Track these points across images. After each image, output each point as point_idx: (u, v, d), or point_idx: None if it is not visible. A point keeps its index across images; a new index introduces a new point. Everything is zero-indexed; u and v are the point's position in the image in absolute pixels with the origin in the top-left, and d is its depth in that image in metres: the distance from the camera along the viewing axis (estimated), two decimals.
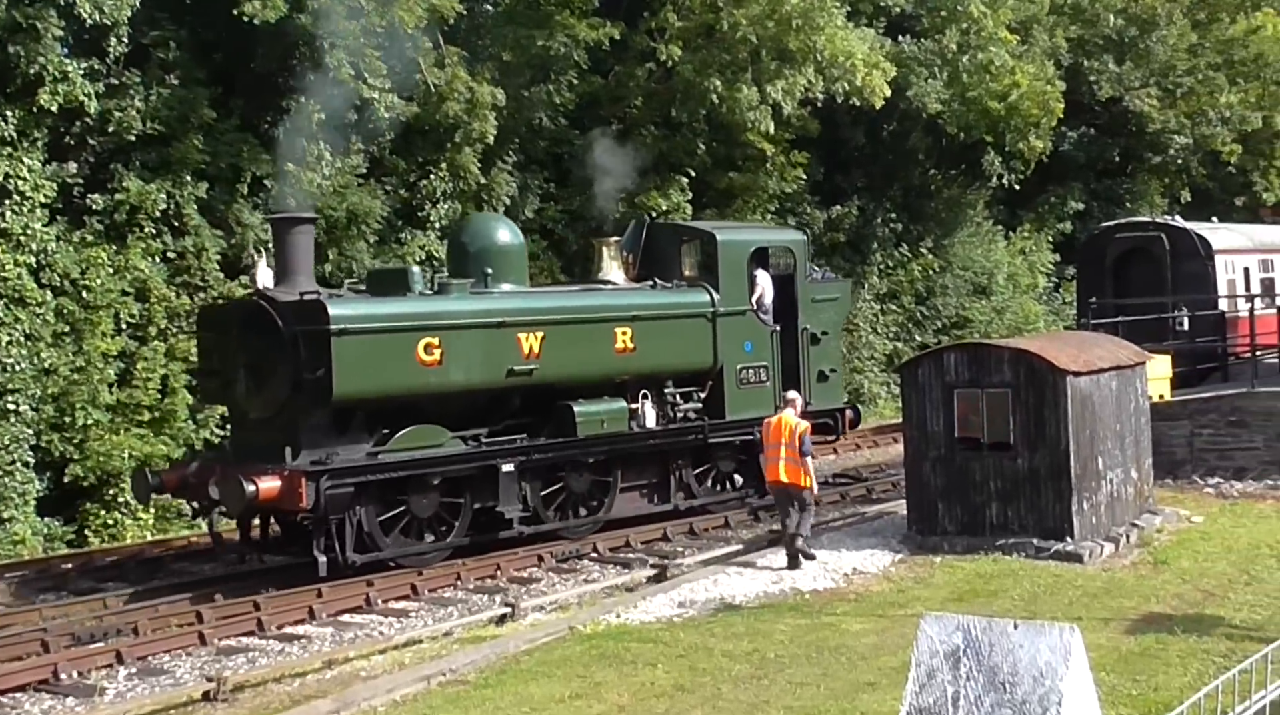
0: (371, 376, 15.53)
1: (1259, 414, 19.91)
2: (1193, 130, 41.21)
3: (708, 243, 19.51)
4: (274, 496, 14.91)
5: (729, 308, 19.15)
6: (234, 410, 17.19)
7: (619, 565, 16.80)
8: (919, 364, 16.14)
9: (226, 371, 16.40)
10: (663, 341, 18.44)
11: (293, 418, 15.51)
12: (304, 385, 15.35)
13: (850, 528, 17.50)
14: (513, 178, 25.73)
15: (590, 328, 17.71)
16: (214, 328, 16.87)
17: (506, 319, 16.82)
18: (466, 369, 16.36)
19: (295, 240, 16.38)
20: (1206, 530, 16.55)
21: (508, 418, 17.29)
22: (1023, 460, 15.34)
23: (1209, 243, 25.64)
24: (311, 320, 15.35)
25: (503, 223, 18.93)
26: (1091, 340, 17.71)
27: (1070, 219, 39.97)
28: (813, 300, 20.45)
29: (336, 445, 15.64)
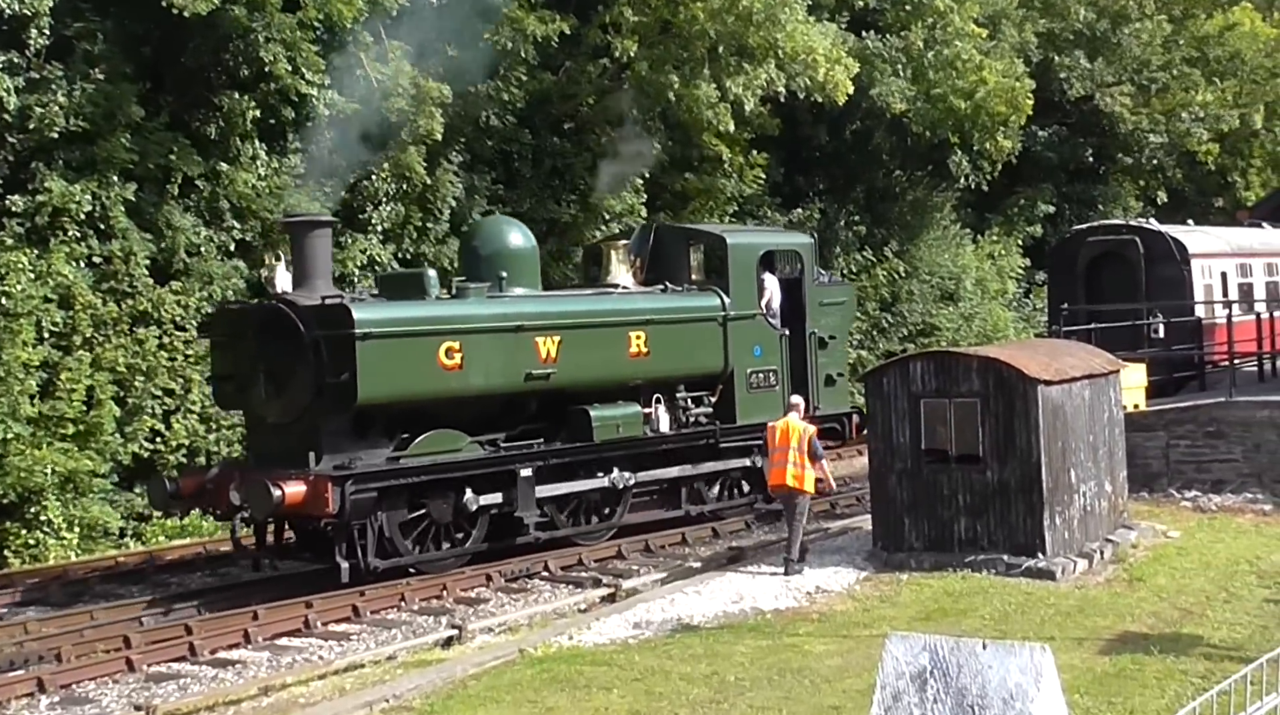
0: (395, 381, 16.18)
1: (1237, 425, 20.11)
2: (1168, 129, 41.64)
3: (718, 246, 20.27)
4: (299, 502, 15.43)
5: (739, 311, 19.96)
6: (251, 416, 17.64)
7: (571, 585, 16.78)
8: (884, 373, 16.21)
9: (243, 376, 16.91)
10: (676, 346, 19.21)
11: (314, 423, 16.13)
12: (326, 390, 15.96)
13: (813, 544, 17.55)
14: (459, 178, 25.70)
15: (606, 332, 18.46)
16: (228, 332, 17.43)
17: (525, 323, 17.52)
18: (486, 373, 17.07)
19: (313, 243, 17.03)
20: (1184, 546, 16.69)
21: (523, 423, 17.96)
22: (992, 473, 15.43)
23: (1185, 246, 25.91)
24: (335, 324, 15.95)
25: (515, 226, 19.44)
26: (1063, 348, 17.84)
27: (1041, 222, 40.29)
28: (820, 304, 21.31)
29: (357, 450, 16.24)
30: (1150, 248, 25.72)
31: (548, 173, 27.79)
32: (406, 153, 24.43)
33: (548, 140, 27.79)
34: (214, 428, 21.69)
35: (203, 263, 22.24)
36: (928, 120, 33.53)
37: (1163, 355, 23.90)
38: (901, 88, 32.73)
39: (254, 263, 23.01)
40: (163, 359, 21.30)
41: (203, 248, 22.23)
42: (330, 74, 23.33)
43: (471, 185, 26.13)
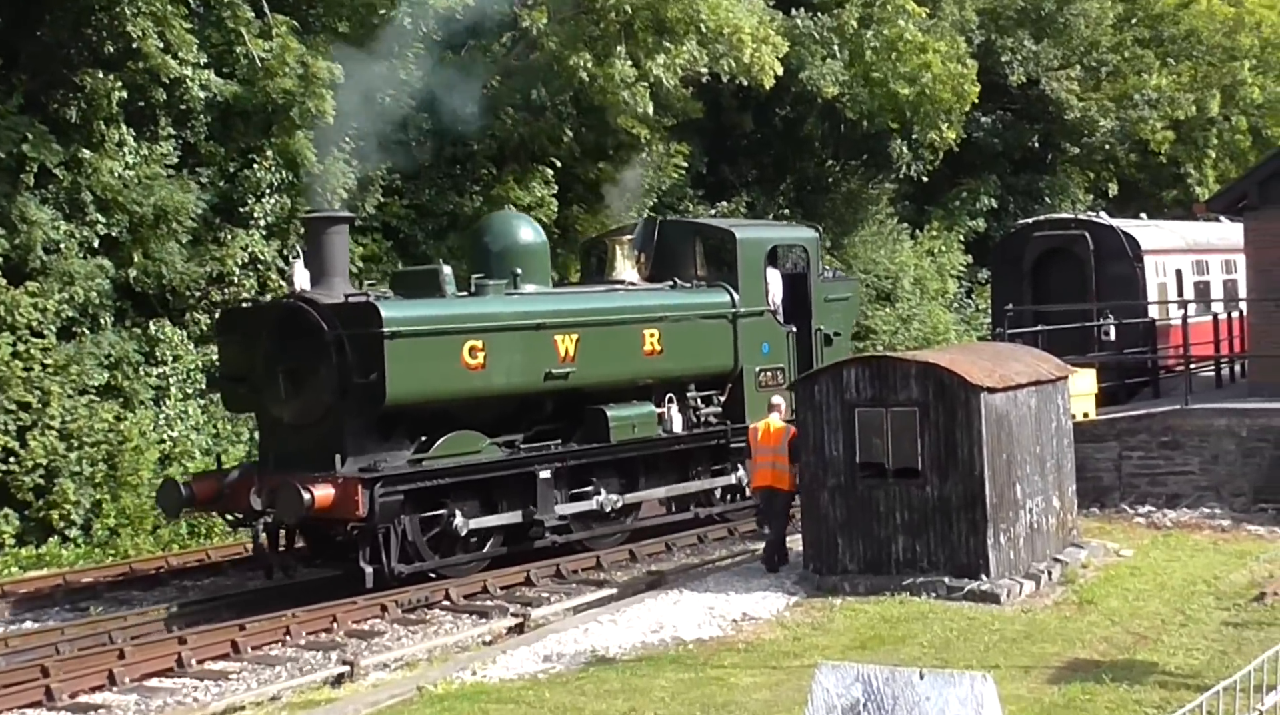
0: (421, 381, 17.18)
1: (1194, 434, 20.39)
2: (1118, 116, 42.19)
3: (726, 241, 21.46)
4: (329, 505, 16.24)
5: (748, 308, 21.15)
6: (265, 417, 18.33)
7: (475, 615, 16.69)
8: (815, 380, 16.27)
9: (258, 377, 17.66)
10: (688, 343, 20.37)
11: (337, 424, 17.04)
12: (351, 390, 16.87)
13: (739, 567, 17.56)
14: (351, 168, 25.51)
15: (621, 329, 19.59)
16: (240, 331, 18.27)
17: (545, 321, 18.60)
18: (508, 372, 18.13)
19: (330, 240, 17.93)
20: (1137, 565, 16.89)
21: (539, 423, 19.05)
22: (932, 488, 15.53)
23: (1137, 242, 26.25)
24: (361, 323, 16.88)
25: (525, 221, 20.61)
26: (1008, 352, 18.00)
27: (983, 216, 40.71)
28: (825, 300, 22.53)
29: (379, 452, 17.15)
30: (1100, 243, 26.03)
31: (448, 162, 27.66)
32: (294, 139, 24.22)
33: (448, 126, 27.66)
34: (76, 445, 21.33)
35: (63, 261, 21.90)
36: (865, 107, 33.76)
37: (1114, 359, 24.20)
38: (834, 71, 32.94)
39: (122, 261, 22.73)
40: (17, 369, 20.94)
41: (62, 244, 21.89)
42: (206, 52, 23.06)
43: (365, 175, 25.96)
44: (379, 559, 16.79)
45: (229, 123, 24.40)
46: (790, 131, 35.24)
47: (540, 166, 28.33)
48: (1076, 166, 43.99)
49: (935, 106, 34.19)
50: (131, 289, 23.10)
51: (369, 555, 16.73)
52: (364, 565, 16.65)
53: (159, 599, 17.89)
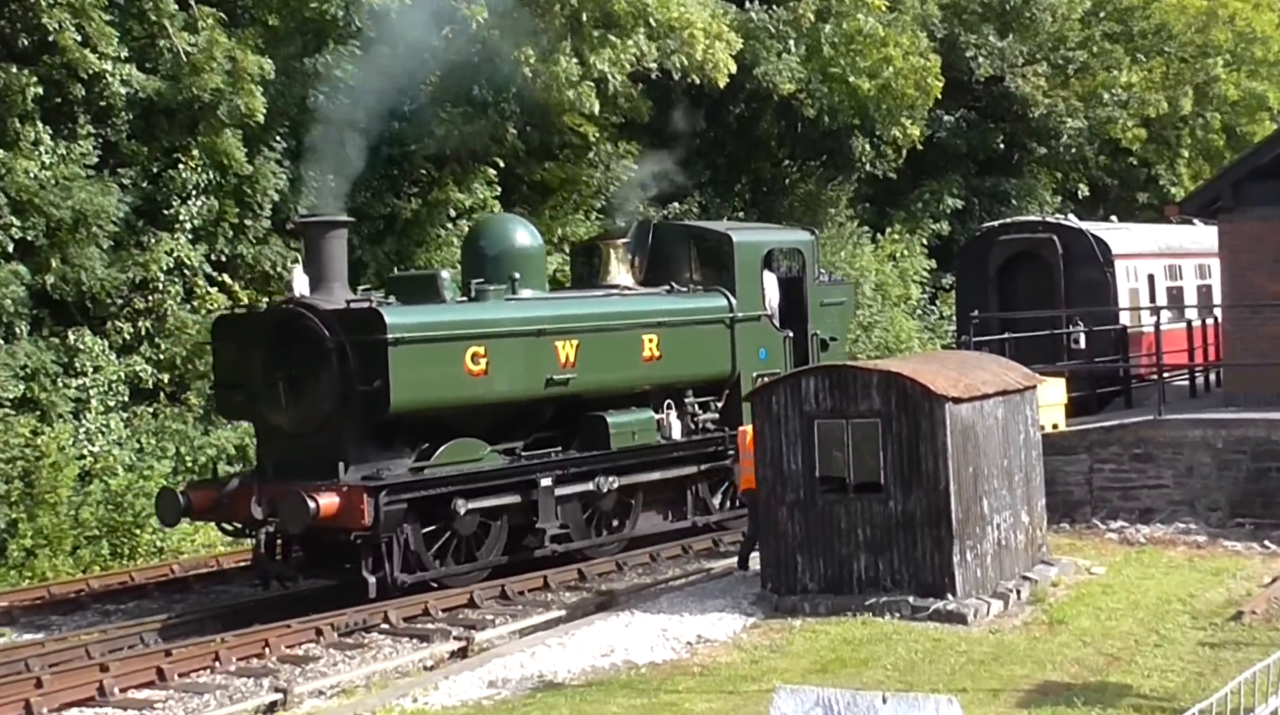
0: (425, 388, 17.81)
1: (1167, 446, 20.53)
2: (1087, 114, 42.46)
3: (723, 244, 22.13)
4: (333, 514, 16.84)
5: (745, 313, 21.84)
6: (262, 425, 18.93)
7: (416, 638, 16.65)
8: (772, 390, 16.31)
9: (255, 384, 18.23)
10: (686, 349, 21.04)
11: (338, 432, 17.64)
12: (354, 397, 17.47)
13: (693, 587, 17.58)
14: (282, 168, 25.42)
15: (621, 335, 20.28)
16: (236, 338, 18.87)
17: (545, 327, 19.26)
18: (510, 379, 18.78)
19: (329, 245, 18.57)
20: (1109, 583, 16.99)
21: (537, 431, 19.69)
22: (895, 503, 15.59)
23: (1108, 246, 26.40)
24: (364, 329, 17.49)
25: (521, 224, 21.24)
26: (974, 361, 18.09)
27: (947, 218, 40.90)
28: (821, 304, 23.24)
29: (380, 460, 17.78)
30: (1069, 247, 26.16)
31: (385, 162, 27.59)
32: (221, 138, 24.10)
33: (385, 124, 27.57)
34: None
35: None
36: (824, 104, 33.87)
37: (1084, 368, 24.33)
38: (791, 66, 33.05)
39: (38, 266, 22.57)
40: None
41: None
42: (127, 45, 22.92)
43: (297, 176, 25.85)
44: (381, 568, 17.39)
45: (152, 120, 24.26)
46: (745, 130, 35.33)
47: (482, 167, 28.28)
48: (1044, 167, 44.25)
49: (897, 101, 34.33)
50: (49, 296, 22.93)
51: (371, 564, 17.33)
52: (366, 575, 17.25)
53: (79, 624, 17.76)
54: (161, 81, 23.61)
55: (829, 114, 34.36)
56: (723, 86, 29.73)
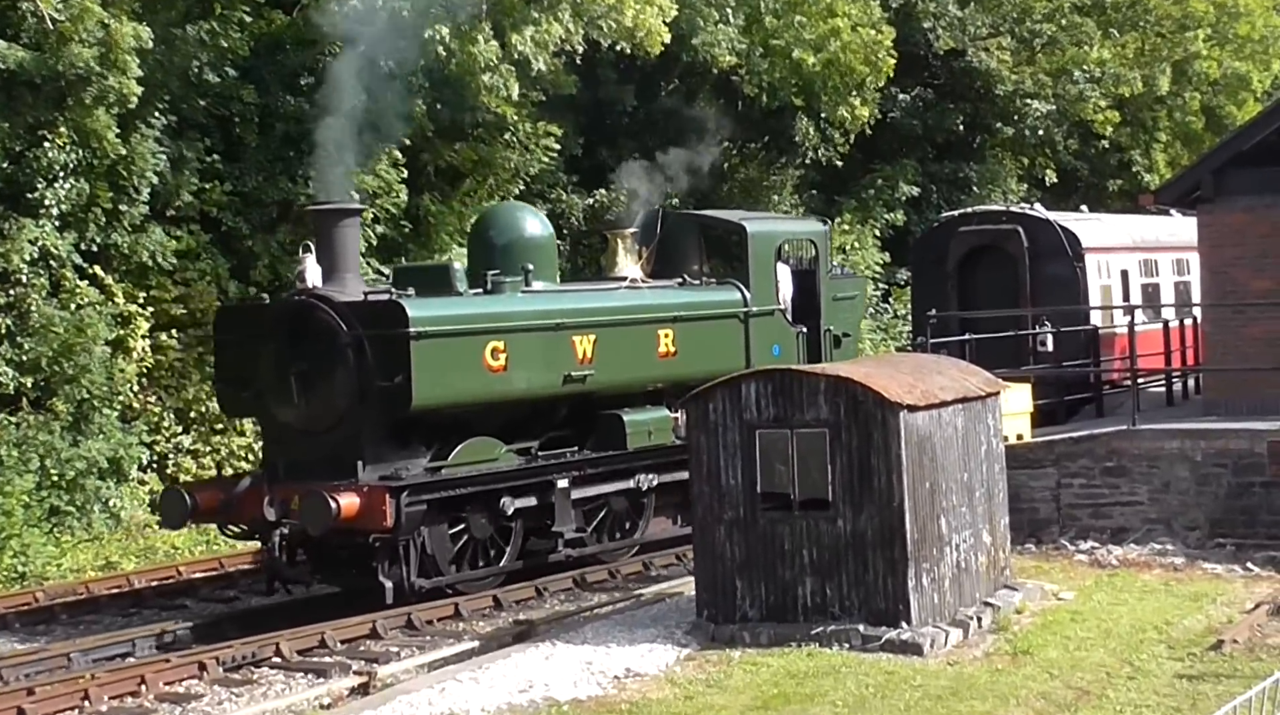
0: (446, 384, 18.64)
1: (1142, 459, 20.70)
2: (1055, 93, 42.73)
3: (737, 235, 23.25)
4: (354, 515, 17.60)
5: (760, 307, 22.82)
6: (271, 424, 19.69)
7: (311, 673, 16.55)
8: (709, 397, 16.31)
9: (264, 380, 18.96)
10: (700, 345, 21.93)
11: (355, 430, 18.47)
12: (372, 394, 18.28)
13: (622, 615, 17.57)
14: (162, 148, 25.21)
15: (638, 330, 21.26)
16: (242, 331, 19.60)
17: (564, 321, 20.16)
18: (528, 375, 19.69)
19: (342, 233, 19.39)
20: (1079, 609, 17.11)
21: (552, 429, 20.63)
22: (844, 522, 15.62)
23: (1078, 238, 26.59)
24: (385, 323, 18.28)
25: (531, 213, 22.28)
26: (931, 365, 18.17)
27: (902, 207, 41.08)
28: (834, 298, 24.24)
29: (397, 460, 18.63)
30: (1036, 240, 26.33)
31: (280, 141, 27.43)
32: (92, 115, 23.87)
33: (279, 99, 27.43)
34: None
35: None
36: (765, 79, 33.93)
37: (1052, 373, 24.49)
38: (730, 37, 33.10)
39: None
40: None
41: None
42: None
43: (179, 156, 25.66)
44: (397, 573, 18.28)
45: (14, 94, 23.96)
46: (679, 109, 35.35)
47: (388, 147, 28.13)
48: (1008, 151, 44.50)
49: (846, 79, 34.47)
50: None
51: (387, 569, 18.17)
52: (384, 580, 18.07)
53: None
54: (25, 52, 23.32)
55: (770, 92, 34.41)
56: (655, 57, 29.70)
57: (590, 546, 20.83)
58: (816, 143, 36.99)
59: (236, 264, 26.61)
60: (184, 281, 25.89)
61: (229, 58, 26.29)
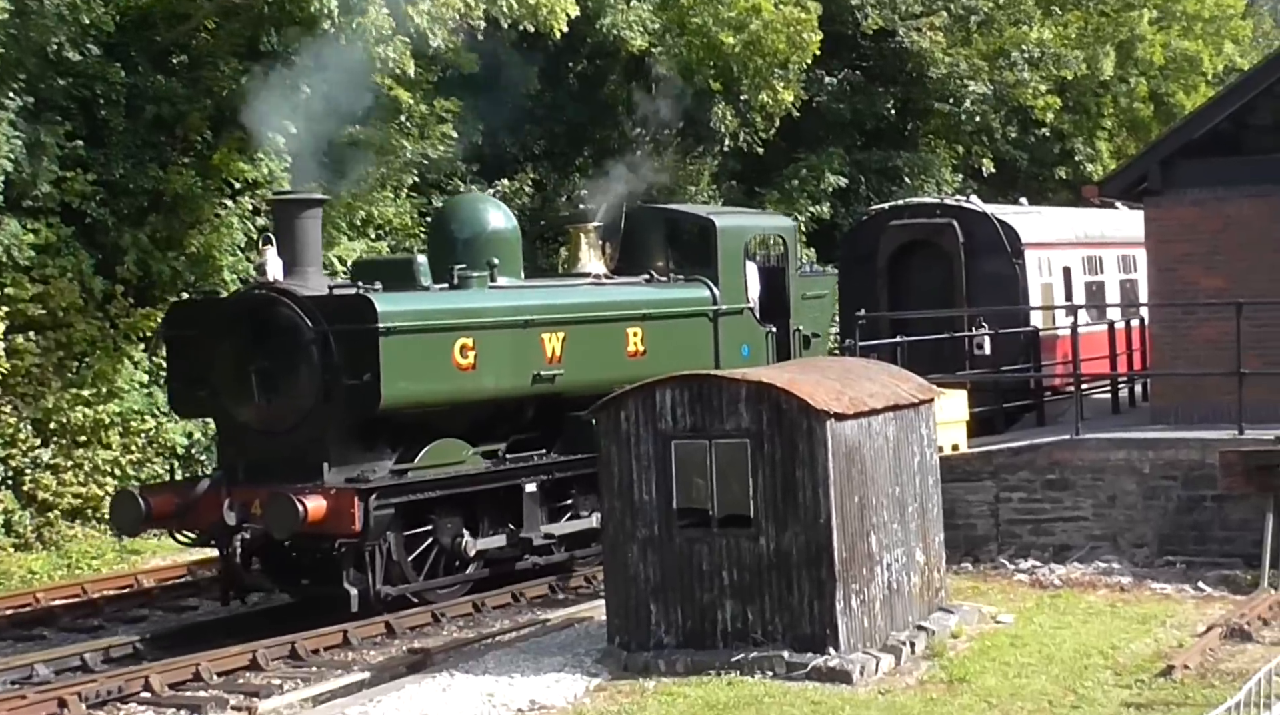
0: (414, 382, 19.16)
1: (1086, 471, 20.87)
2: (993, 76, 42.99)
3: (705, 230, 23.89)
4: (320, 519, 18.00)
5: (729, 306, 23.51)
6: (229, 423, 20.06)
7: (185, 709, 16.42)
8: (620, 404, 16.31)
9: (221, 378, 19.40)
10: (669, 344, 22.53)
11: (318, 430, 18.96)
12: (338, 392, 18.75)
13: (526, 643, 17.53)
14: (17, 132, 24.93)
15: (606, 328, 21.89)
16: (196, 327, 19.96)
17: (532, 318, 20.71)
18: (497, 374, 20.27)
19: (303, 225, 19.89)
20: (1019, 633, 17.22)
21: (518, 431, 21.16)
22: (767, 540, 15.65)
23: (1017, 233, 26.83)
24: (351, 318, 18.75)
25: (495, 205, 22.93)
26: (860, 370, 18.24)
27: (829, 199, 41.17)
28: (804, 297, 24.85)
29: (363, 462, 19.09)
30: (972, 235, 26.55)
31: (150, 125, 27.20)
32: None
33: (149, 79, 27.19)
34: None
35: None
36: (680, 61, 33.96)
37: (989, 378, 24.68)
38: (643, 16, 33.12)
39: None
40: None
41: None
42: None
43: (37, 141, 25.37)
44: (363, 580, 18.74)
45: None
46: (588, 92, 35.33)
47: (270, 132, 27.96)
48: (942, 139, 44.75)
49: (767, 60, 34.54)
50: None
51: (351, 575, 18.65)
52: (349, 587, 18.56)
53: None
54: None
55: (685, 74, 34.44)
56: (561, 38, 29.68)
57: (557, 555, 21.27)
58: (736, 129, 37.02)
59: (102, 260, 26.31)
60: (43, 279, 25.57)
61: (92, 33, 26.01)
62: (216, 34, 27.70)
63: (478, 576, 20.42)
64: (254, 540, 18.66)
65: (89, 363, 25.86)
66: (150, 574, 22.65)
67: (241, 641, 18.06)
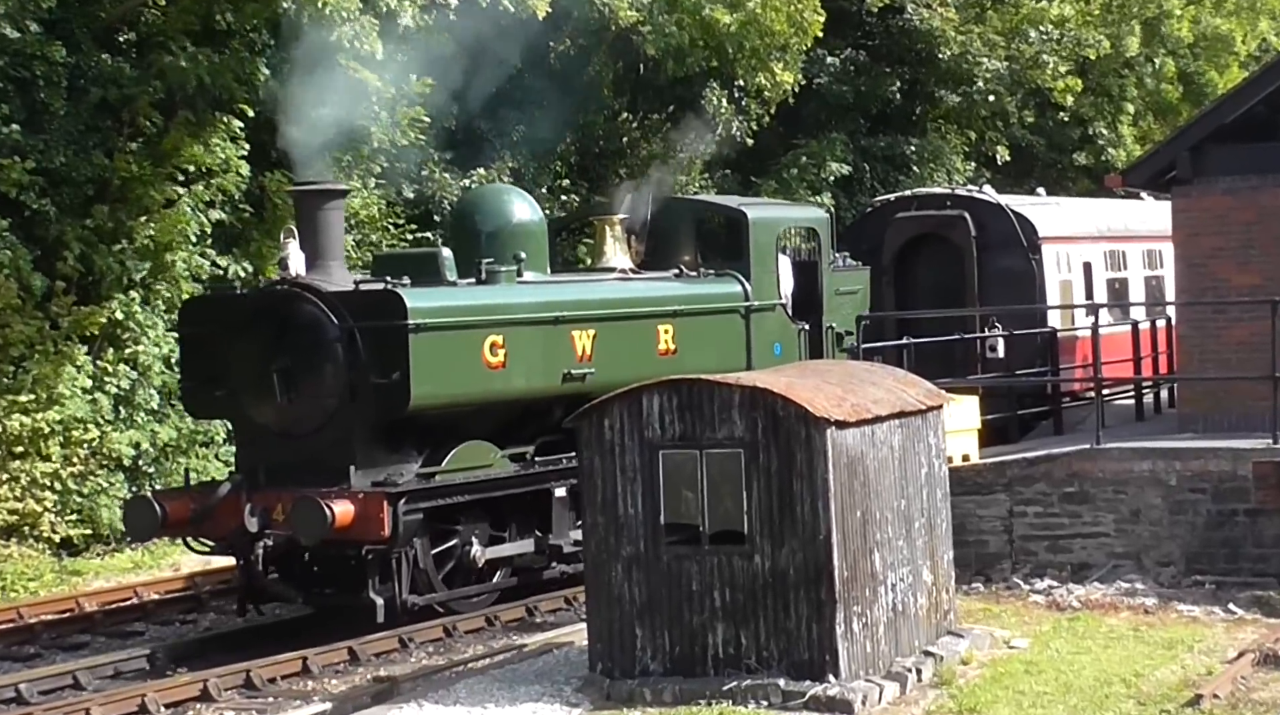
0: (445, 381, 19.73)
1: (1108, 483, 20.86)
2: (1009, 56, 42.99)
3: (737, 222, 24.64)
4: (348, 524, 18.44)
5: (761, 301, 24.21)
6: (247, 425, 20.58)
7: None
8: (604, 412, 16.29)
9: (240, 378, 19.88)
10: (700, 342, 23.23)
11: (344, 431, 19.48)
12: (365, 392, 19.28)
13: (501, 670, 17.50)
14: None
15: (637, 325, 22.55)
16: (213, 323, 20.45)
17: (563, 314, 21.35)
18: (527, 373, 20.88)
19: (325, 217, 20.37)
20: (1034, 659, 17.20)
21: (545, 433, 21.60)
22: (762, 559, 15.63)
23: (1033, 226, 26.84)
24: (380, 314, 19.28)
25: (520, 196, 23.32)
26: (863, 374, 18.23)
27: (831, 189, 41.16)
28: (837, 292, 25.50)
29: (389, 464, 19.66)
30: (985, 228, 26.56)
31: (94, 108, 27.16)
32: None
33: (93, 59, 27.15)
34: None
35: None
36: (671, 41, 33.93)
37: (1003, 383, 24.66)
38: None
39: None
40: None
41: None
42: None
43: None
44: (389, 589, 19.18)
45: None
46: (572, 74, 35.29)
47: (226, 117, 27.95)
48: (953, 124, 44.72)
49: (765, 41, 34.51)
50: None
51: (378, 584, 19.10)
52: (374, 596, 18.99)
53: None
54: None
55: (676, 56, 34.40)
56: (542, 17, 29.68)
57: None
58: (731, 114, 36.99)
59: (41, 254, 26.24)
60: None
61: (31, 8, 25.96)
62: (168, 11, 27.65)
63: (505, 585, 21.03)
64: (277, 547, 19.07)
65: (26, 367, 25.75)
66: (92, 597, 22.57)
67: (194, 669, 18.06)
